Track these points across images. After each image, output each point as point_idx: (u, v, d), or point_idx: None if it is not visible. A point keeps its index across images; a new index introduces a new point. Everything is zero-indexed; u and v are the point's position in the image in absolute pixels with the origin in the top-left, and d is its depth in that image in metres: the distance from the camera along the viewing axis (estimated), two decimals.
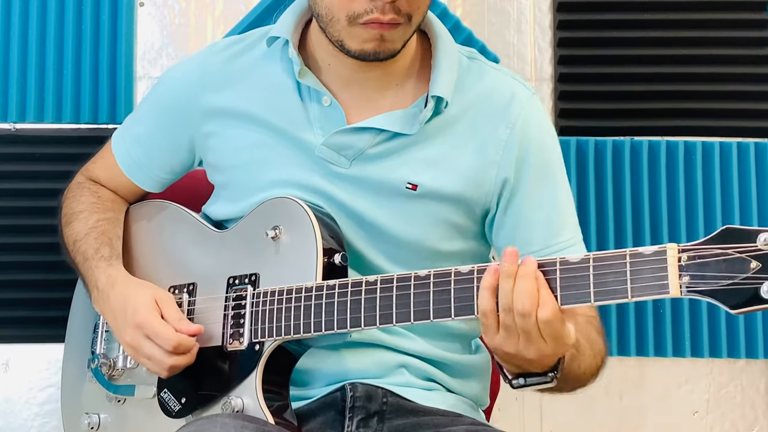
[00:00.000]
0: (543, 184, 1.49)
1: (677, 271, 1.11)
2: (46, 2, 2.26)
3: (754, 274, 1.07)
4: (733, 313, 1.08)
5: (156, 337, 1.42)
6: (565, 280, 1.18)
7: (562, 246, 1.48)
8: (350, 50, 1.40)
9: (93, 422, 1.58)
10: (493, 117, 1.48)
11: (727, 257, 1.09)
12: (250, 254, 1.46)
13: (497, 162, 1.47)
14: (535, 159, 1.48)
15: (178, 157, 1.62)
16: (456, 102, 1.47)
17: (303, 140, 1.48)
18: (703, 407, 2.32)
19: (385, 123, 1.46)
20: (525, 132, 1.48)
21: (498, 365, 1.31)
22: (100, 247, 1.57)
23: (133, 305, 1.45)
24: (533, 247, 1.47)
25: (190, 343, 1.42)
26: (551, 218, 1.49)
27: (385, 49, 1.40)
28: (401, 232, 1.47)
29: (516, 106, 1.49)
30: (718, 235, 1.10)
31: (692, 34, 2.31)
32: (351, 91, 1.48)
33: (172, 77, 1.63)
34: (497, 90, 1.50)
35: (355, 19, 1.37)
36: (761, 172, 2.29)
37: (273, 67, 1.52)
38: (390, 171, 1.46)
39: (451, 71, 1.47)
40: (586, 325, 1.41)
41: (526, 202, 1.48)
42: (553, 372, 1.27)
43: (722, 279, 1.09)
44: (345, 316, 1.33)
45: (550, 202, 1.49)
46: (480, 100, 1.49)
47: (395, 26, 1.38)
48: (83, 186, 1.69)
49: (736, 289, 1.08)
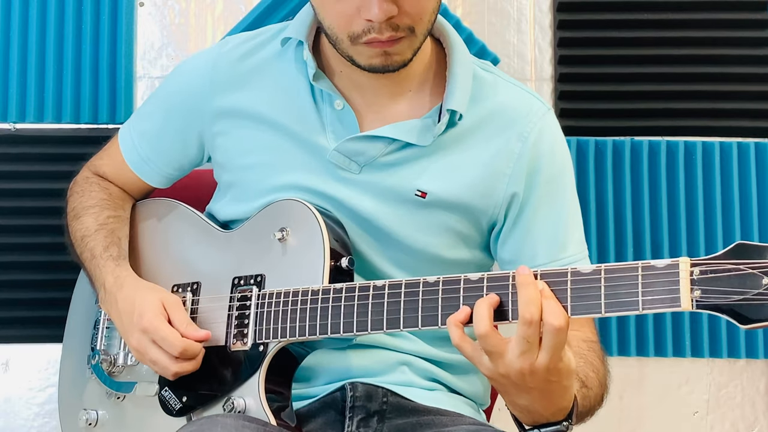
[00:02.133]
0: (552, 200, 1.49)
1: (689, 285, 1.11)
2: (46, 2, 2.26)
3: (766, 290, 1.07)
4: (743, 329, 1.08)
5: (162, 341, 1.41)
6: (576, 291, 1.18)
7: (567, 261, 1.48)
8: (360, 65, 1.40)
9: (91, 418, 1.57)
10: (506, 130, 1.48)
11: (740, 273, 1.09)
12: (257, 255, 1.46)
13: (508, 175, 1.47)
14: (545, 174, 1.48)
15: (186, 153, 1.61)
16: (470, 114, 1.47)
17: (315, 143, 1.48)
18: (703, 407, 2.32)
19: (399, 133, 1.45)
20: (537, 146, 1.48)
21: (513, 417, 1.30)
22: (109, 245, 1.56)
23: (140, 309, 1.44)
24: (538, 261, 1.47)
25: (197, 348, 1.42)
26: (558, 233, 1.49)
27: (393, 62, 1.39)
28: (408, 238, 1.47)
29: (530, 120, 1.48)
30: (731, 250, 1.10)
31: (692, 34, 2.31)
32: (364, 96, 1.48)
33: (182, 74, 1.61)
34: (512, 104, 1.50)
35: (356, 39, 1.37)
36: (761, 172, 2.29)
37: (286, 68, 1.51)
38: (400, 178, 1.46)
39: (465, 83, 1.47)
40: (589, 353, 1.41)
41: (534, 217, 1.48)
42: (567, 420, 1.26)
43: (734, 294, 1.09)
44: (352, 320, 1.33)
45: (557, 217, 1.49)
46: (494, 113, 1.49)
47: (398, 41, 1.37)
48: (92, 181, 1.67)
49: (748, 305, 1.08)
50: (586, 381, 1.33)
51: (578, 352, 1.38)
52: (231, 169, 1.55)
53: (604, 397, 1.40)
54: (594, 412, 1.38)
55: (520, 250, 1.49)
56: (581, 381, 1.32)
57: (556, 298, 1.18)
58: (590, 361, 1.38)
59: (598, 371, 1.39)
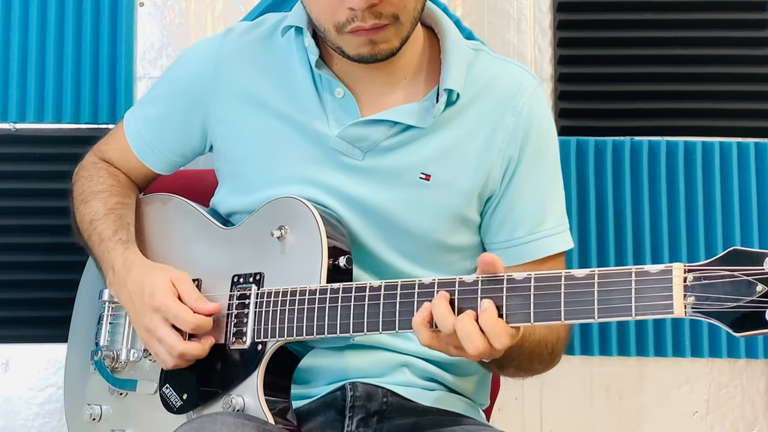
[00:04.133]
0: (537, 171, 1.51)
1: (682, 291, 1.11)
2: (46, 2, 2.26)
3: (759, 298, 1.06)
4: (736, 336, 1.08)
5: (175, 319, 1.41)
6: (569, 296, 1.18)
7: (546, 234, 1.50)
8: (349, 55, 1.42)
9: (95, 413, 1.59)
10: (501, 105, 1.50)
11: (733, 279, 1.08)
12: (256, 253, 1.46)
13: (503, 149, 1.49)
14: (533, 145, 1.50)
15: (189, 141, 1.62)
16: (465, 92, 1.49)
17: (317, 131, 1.49)
18: (703, 407, 2.32)
19: (399, 116, 1.46)
20: (529, 119, 1.50)
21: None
22: (119, 229, 1.57)
23: (150, 288, 1.44)
24: (518, 233, 1.50)
25: (208, 323, 1.42)
26: (540, 204, 1.51)
27: (381, 51, 1.40)
28: (411, 223, 1.48)
29: (523, 94, 1.51)
30: (725, 256, 1.10)
31: (692, 34, 2.31)
32: (362, 85, 1.49)
33: (186, 60, 1.62)
34: (505, 79, 1.52)
35: (342, 29, 1.38)
36: (761, 172, 2.28)
37: (289, 56, 1.53)
38: (404, 162, 1.47)
39: (460, 64, 1.48)
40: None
41: (520, 188, 1.50)
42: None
43: (727, 301, 1.08)
44: (348, 321, 1.33)
45: (541, 189, 1.51)
46: (488, 89, 1.51)
47: (382, 28, 1.38)
48: (99, 167, 1.68)
49: (741, 312, 1.07)
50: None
51: None
52: (232, 159, 1.55)
53: (557, 349, 1.47)
54: (541, 354, 1.43)
55: (505, 221, 1.51)
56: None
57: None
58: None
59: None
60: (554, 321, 1.19)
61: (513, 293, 1.21)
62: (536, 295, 1.20)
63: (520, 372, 1.46)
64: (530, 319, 1.20)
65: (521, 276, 1.21)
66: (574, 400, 2.30)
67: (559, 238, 1.51)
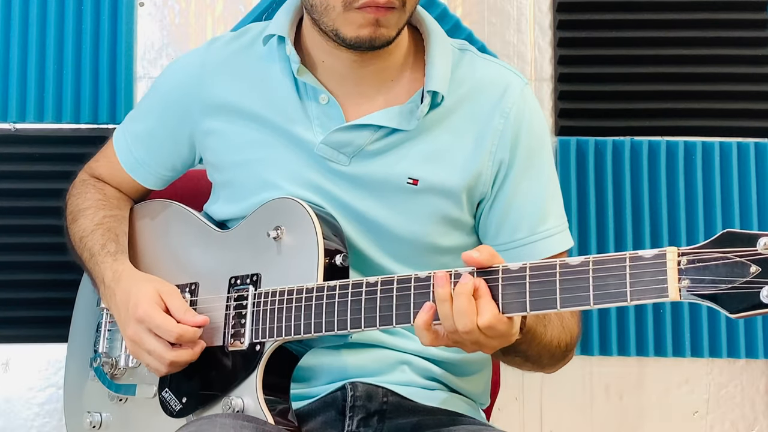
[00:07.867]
0: (532, 173, 1.50)
1: (677, 275, 1.11)
2: (46, 2, 2.26)
3: (753, 279, 1.06)
4: (732, 318, 1.07)
5: (157, 329, 1.41)
6: (565, 283, 1.18)
7: (548, 233, 1.50)
8: (345, 38, 1.40)
9: (95, 421, 1.59)
10: (488, 107, 1.49)
11: (727, 261, 1.08)
12: (252, 254, 1.46)
13: (493, 152, 1.48)
14: (524, 146, 1.49)
15: (178, 154, 1.62)
16: (451, 94, 1.48)
17: (302, 138, 1.49)
18: (703, 407, 2.32)
19: (383, 119, 1.46)
20: (518, 120, 1.49)
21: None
22: (107, 243, 1.57)
23: (135, 299, 1.45)
24: (519, 234, 1.49)
25: (193, 334, 1.42)
26: (537, 206, 1.50)
27: (380, 36, 1.40)
28: (401, 228, 1.48)
29: (510, 96, 1.50)
30: (719, 238, 1.10)
31: (692, 34, 2.31)
32: (346, 87, 1.49)
33: (172, 74, 1.63)
34: (491, 81, 1.51)
35: (351, 4, 1.37)
36: (761, 172, 2.29)
37: (271, 65, 1.53)
38: (390, 167, 1.47)
39: (445, 65, 1.48)
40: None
41: (515, 190, 1.50)
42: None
43: (722, 283, 1.08)
44: (345, 317, 1.33)
45: (537, 190, 1.51)
46: (474, 91, 1.50)
47: (390, 10, 1.38)
48: (87, 183, 1.69)
49: (736, 294, 1.07)
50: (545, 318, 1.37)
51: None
52: (222, 168, 1.56)
53: (569, 347, 1.46)
54: (554, 352, 1.42)
55: (502, 222, 1.50)
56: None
57: (490, 295, 1.21)
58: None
59: (563, 318, 1.43)
60: (550, 309, 1.19)
61: (508, 282, 1.21)
62: (531, 283, 1.20)
63: (534, 365, 1.46)
64: (526, 308, 1.20)
65: (516, 266, 1.22)
66: (574, 400, 2.31)
67: (560, 237, 1.51)
